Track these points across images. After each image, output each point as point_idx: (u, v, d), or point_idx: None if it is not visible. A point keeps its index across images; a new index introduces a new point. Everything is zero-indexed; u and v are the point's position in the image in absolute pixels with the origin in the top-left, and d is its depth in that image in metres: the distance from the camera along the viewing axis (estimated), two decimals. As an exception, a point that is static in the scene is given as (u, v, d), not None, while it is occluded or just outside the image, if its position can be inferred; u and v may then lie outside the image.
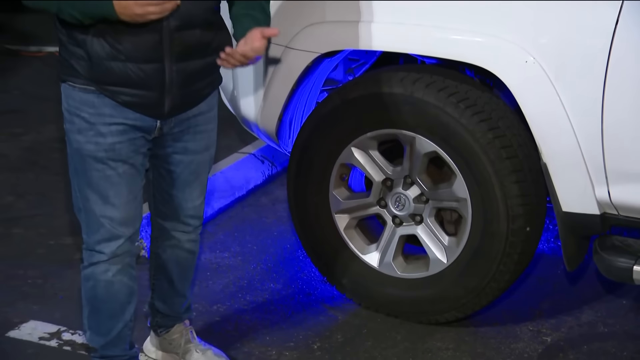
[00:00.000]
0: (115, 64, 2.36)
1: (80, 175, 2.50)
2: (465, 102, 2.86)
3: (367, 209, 3.17)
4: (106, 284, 2.59)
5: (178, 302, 2.86)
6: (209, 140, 2.66)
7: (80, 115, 2.43)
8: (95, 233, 2.54)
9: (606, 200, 2.79)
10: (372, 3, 2.96)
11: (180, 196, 2.68)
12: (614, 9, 2.64)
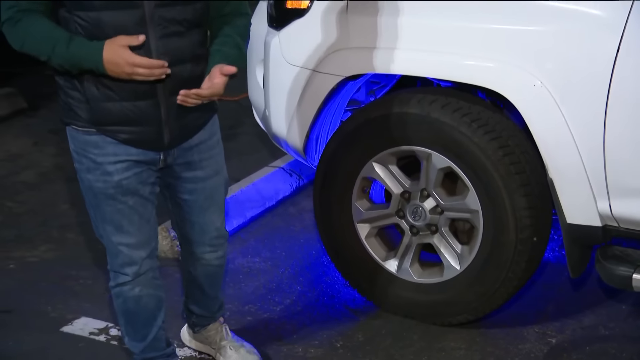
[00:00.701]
0: (111, 105, 2.31)
1: (94, 208, 2.47)
2: (477, 122, 2.86)
3: (386, 219, 3.16)
4: (135, 299, 2.59)
5: (211, 304, 2.85)
6: (216, 165, 2.60)
7: (87, 156, 2.39)
8: (116, 258, 2.53)
9: (607, 213, 2.79)
10: (392, 31, 2.95)
11: (201, 222, 2.62)
12: (615, 37, 2.63)
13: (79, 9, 2.19)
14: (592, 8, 2.70)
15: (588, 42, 2.71)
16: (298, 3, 3.19)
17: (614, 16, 2.65)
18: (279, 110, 3.31)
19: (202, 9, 2.34)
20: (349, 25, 3.04)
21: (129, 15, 2.20)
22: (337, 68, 3.08)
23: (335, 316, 3.23)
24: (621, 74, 2.65)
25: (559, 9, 2.75)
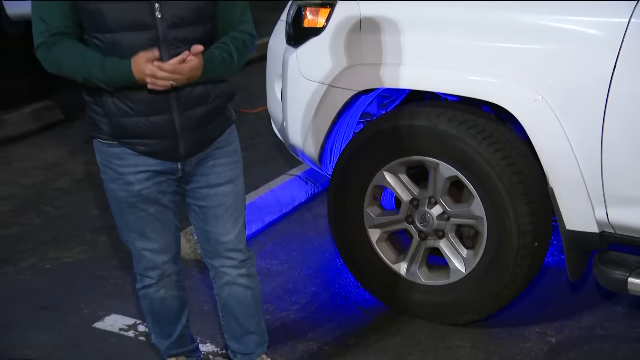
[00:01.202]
0: (128, 120, 2.30)
1: (119, 216, 2.48)
2: (482, 134, 2.86)
3: (396, 224, 3.15)
4: (160, 300, 2.59)
5: (250, 339, 2.69)
6: (231, 173, 2.52)
7: (111, 167, 2.39)
8: (140, 262, 2.54)
9: (604, 220, 2.78)
10: (402, 48, 2.96)
11: (214, 231, 2.54)
12: (612, 55, 2.63)
13: (96, 30, 2.20)
14: (590, 28, 2.70)
15: (586, 60, 2.70)
16: (314, 22, 3.21)
17: (611, 36, 2.65)
18: (295, 122, 3.32)
19: (212, 29, 2.34)
20: (362, 43, 3.05)
21: (143, 36, 2.20)
22: (350, 83, 3.08)
23: (348, 315, 3.22)
24: (617, 90, 2.65)
25: (559, 29, 2.75)
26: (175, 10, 2.21)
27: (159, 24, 2.20)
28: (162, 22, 2.20)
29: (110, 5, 2.16)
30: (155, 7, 2.18)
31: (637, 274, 2.74)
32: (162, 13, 2.20)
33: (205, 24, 2.29)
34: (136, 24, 2.19)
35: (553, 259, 3.53)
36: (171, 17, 2.21)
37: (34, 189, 4.38)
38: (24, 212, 4.13)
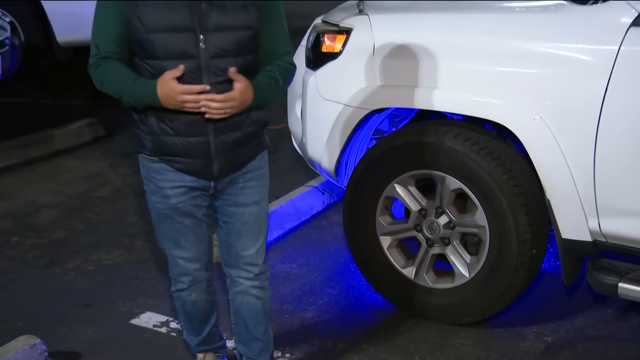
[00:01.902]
0: (167, 138, 2.29)
1: (157, 225, 2.47)
2: (485, 150, 2.87)
3: (405, 232, 3.15)
4: (191, 303, 2.59)
5: (255, 345, 2.65)
6: (258, 195, 2.48)
7: (152, 180, 2.39)
8: (174, 268, 2.53)
9: (597, 230, 2.78)
10: (412, 71, 2.97)
11: (236, 245, 2.50)
12: (603, 79, 2.64)
13: (146, 57, 2.21)
14: (583, 55, 2.71)
15: (580, 83, 2.71)
16: (332, 47, 3.23)
17: (603, 62, 2.65)
18: (314, 138, 3.33)
19: (253, 60, 2.31)
20: (374, 66, 3.06)
21: (187, 65, 2.18)
22: (364, 102, 3.09)
23: (361, 315, 3.21)
24: (609, 111, 2.66)
25: (556, 55, 2.76)
26: (218, 43, 2.20)
27: (202, 54, 2.19)
28: (205, 53, 2.19)
29: (159, 36, 2.17)
30: (200, 38, 2.18)
31: (627, 279, 2.73)
32: (206, 44, 2.19)
33: (246, 56, 2.27)
34: (181, 53, 2.19)
35: (549, 264, 3.52)
36: (214, 48, 2.20)
37: (79, 198, 4.40)
38: (69, 218, 4.14)
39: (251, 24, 2.24)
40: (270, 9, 2.29)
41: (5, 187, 4.52)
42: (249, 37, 2.25)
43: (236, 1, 2.21)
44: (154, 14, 2.16)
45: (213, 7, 2.17)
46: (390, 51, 3.02)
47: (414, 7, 3.41)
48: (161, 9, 2.16)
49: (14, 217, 4.12)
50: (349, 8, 3.42)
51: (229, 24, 2.21)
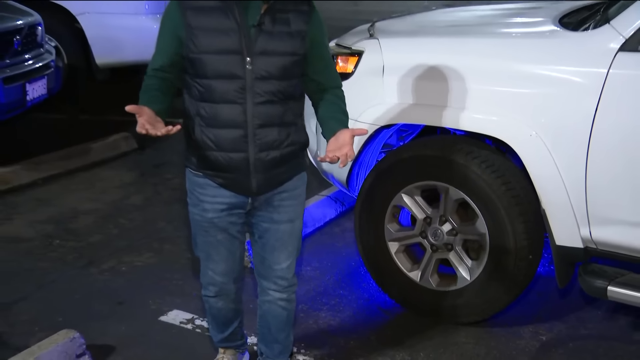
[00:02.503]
0: (210, 153, 2.26)
1: (194, 235, 2.45)
2: (485, 163, 2.87)
3: (412, 238, 3.14)
4: (218, 309, 2.56)
5: (275, 347, 2.62)
6: (292, 214, 2.42)
7: (194, 193, 2.37)
8: (204, 276, 2.51)
9: (588, 237, 2.77)
10: (418, 90, 2.97)
11: (269, 259, 2.46)
12: (594, 99, 2.64)
13: (197, 76, 2.21)
14: (576, 76, 2.71)
15: (573, 102, 2.71)
16: (345, 68, 3.23)
17: (593, 83, 2.65)
18: None
19: (297, 85, 2.29)
20: (384, 86, 3.07)
21: (233, 84, 2.18)
22: (374, 119, 3.09)
23: (370, 315, 3.21)
24: (599, 128, 2.65)
25: (550, 77, 2.76)
26: (264, 66, 2.19)
27: (247, 75, 2.18)
28: (250, 74, 2.17)
29: (210, 57, 2.17)
30: (247, 60, 2.17)
31: (615, 283, 2.72)
32: (253, 67, 2.17)
33: (291, 80, 2.25)
34: (229, 73, 2.18)
35: (544, 269, 3.50)
36: (260, 70, 2.18)
37: (113, 205, 4.42)
38: (105, 223, 4.16)
39: (296, 50, 2.22)
40: (317, 37, 2.27)
41: (48, 194, 4.54)
42: (293, 63, 2.23)
43: (283, 28, 2.20)
44: (207, 38, 2.17)
45: (261, 32, 2.17)
46: (398, 72, 3.02)
47: (420, 32, 3.45)
48: (213, 33, 2.17)
49: (56, 222, 4.14)
50: (360, 32, 3.45)
51: (275, 50, 2.19)
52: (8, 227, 4.07)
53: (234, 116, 2.21)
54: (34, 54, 4.95)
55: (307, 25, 2.23)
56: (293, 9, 2.23)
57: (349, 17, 11.68)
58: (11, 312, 3.18)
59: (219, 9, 2.17)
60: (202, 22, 2.17)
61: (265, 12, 2.17)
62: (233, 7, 2.16)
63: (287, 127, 2.28)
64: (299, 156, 2.38)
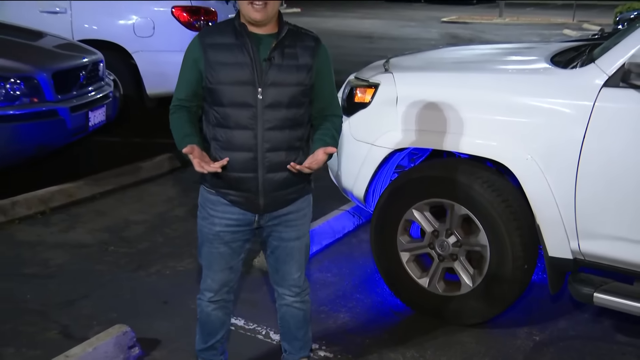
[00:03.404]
0: (223, 173, 2.21)
1: (200, 244, 2.40)
2: (487, 183, 2.87)
3: (421, 249, 3.14)
4: (207, 313, 2.48)
5: (296, 344, 2.57)
6: (299, 232, 2.37)
7: (205, 208, 2.33)
8: (204, 283, 2.44)
9: (577, 249, 2.77)
10: (426, 118, 2.98)
11: (282, 270, 2.42)
12: (581, 127, 2.65)
13: (214, 104, 2.20)
14: (566, 108, 2.72)
15: (563, 130, 2.71)
16: (363, 98, 3.25)
17: (581, 114, 2.66)
18: (347, 171, 3.33)
19: (304, 113, 2.25)
20: (397, 114, 3.06)
21: (246, 112, 2.17)
22: (388, 143, 3.10)
23: (383, 316, 3.20)
24: (586, 153, 2.65)
25: (544, 108, 2.77)
26: (273, 95, 2.17)
27: (259, 104, 2.16)
28: (261, 103, 2.16)
29: (225, 87, 2.17)
30: (259, 91, 2.16)
31: (600, 290, 2.71)
32: (263, 96, 2.16)
33: (298, 109, 2.22)
34: (242, 102, 2.17)
35: (538, 277, 3.48)
36: (269, 100, 2.17)
37: (159, 216, 4.42)
38: (152, 232, 4.15)
39: (302, 82, 2.20)
40: (323, 70, 2.25)
41: (104, 207, 4.58)
42: (300, 93, 2.21)
43: (291, 62, 2.18)
44: (224, 71, 2.16)
45: (271, 66, 2.16)
46: (410, 102, 3.04)
47: (430, 68, 3.47)
48: (230, 66, 2.16)
49: (111, 231, 4.17)
50: (376, 67, 3.47)
51: (284, 81, 2.18)
52: (72, 234, 4.11)
53: (245, 140, 2.18)
54: (95, 86, 5.00)
55: (313, 59, 2.21)
56: (300, 44, 2.21)
57: (365, 54, 11.77)
58: (74, 308, 3.22)
59: (235, 46, 2.16)
60: (219, 57, 2.16)
61: (275, 47, 2.16)
62: (247, 44, 2.15)
63: (295, 151, 2.23)
64: (304, 180, 2.33)
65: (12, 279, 3.51)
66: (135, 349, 2.80)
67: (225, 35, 2.18)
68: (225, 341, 2.57)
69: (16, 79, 4.25)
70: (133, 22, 5.94)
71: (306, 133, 2.29)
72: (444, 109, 2.93)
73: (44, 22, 5.80)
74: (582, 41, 3.80)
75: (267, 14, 2.13)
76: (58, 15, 5.95)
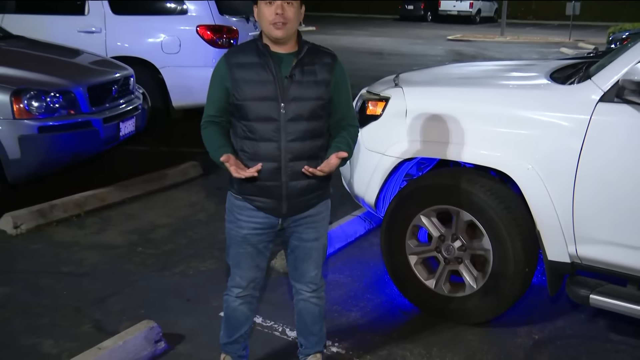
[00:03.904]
0: (248, 181, 2.24)
1: (228, 246, 2.43)
2: (490, 191, 2.88)
3: (428, 252, 3.14)
4: (233, 308, 2.50)
5: (312, 338, 2.58)
6: (317, 233, 2.39)
7: (233, 212, 2.35)
8: (232, 280, 2.47)
9: (574, 254, 2.77)
10: (434, 130, 2.98)
11: (300, 268, 2.45)
12: (579, 139, 2.65)
13: (241, 118, 2.23)
14: (564, 121, 2.72)
15: (562, 142, 2.71)
16: (374, 111, 3.24)
17: (579, 127, 2.67)
18: (359, 178, 3.34)
19: (323, 125, 2.28)
20: (406, 126, 3.07)
21: (270, 125, 2.20)
22: (398, 153, 3.11)
23: (392, 315, 3.20)
24: (584, 163, 2.66)
25: (544, 121, 2.77)
26: (295, 110, 2.20)
27: (282, 118, 2.19)
28: (284, 117, 2.19)
29: (251, 103, 2.20)
30: (281, 106, 2.19)
31: (596, 292, 2.71)
32: (286, 111, 2.19)
33: (317, 121, 2.25)
34: (266, 117, 2.20)
35: (538, 279, 3.46)
36: (291, 113, 2.19)
37: (183, 220, 4.42)
38: (176, 235, 4.16)
39: (321, 96, 2.23)
40: (339, 84, 2.27)
41: (133, 211, 4.60)
42: (319, 106, 2.24)
43: (310, 78, 2.21)
44: (249, 88, 2.20)
45: (293, 82, 2.19)
46: (418, 115, 3.04)
47: (437, 83, 3.47)
48: (254, 84, 2.19)
49: (139, 233, 4.19)
50: (387, 82, 3.47)
51: (304, 96, 2.20)
52: (104, 236, 4.15)
53: (270, 151, 2.21)
54: (126, 99, 5.04)
55: (330, 75, 2.23)
56: (319, 62, 2.23)
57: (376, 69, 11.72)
58: (105, 305, 3.25)
59: (259, 65, 2.19)
60: (244, 75, 2.20)
61: (295, 65, 2.19)
62: (270, 62, 2.18)
63: (314, 160, 2.24)
64: (324, 186, 2.35)
65: (51, 276, 3.56)
66: (161, 343, 2.82)
67: (249, 55, 2.22)
68: (247, 336, 2.59)
69: (55, 92, 4.31)
70: (161, 40, 6.01)
71: (325, 143, 2.31)
72: (450, 121, 2.94)
73: (81, 40, 5.90)
74: (579, 59, 3.79)
75: (287, 32, 2.17)
76: (94, 34, 6.05)
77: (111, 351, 2.62)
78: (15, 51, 4.95)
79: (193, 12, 5.97)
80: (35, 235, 4.10)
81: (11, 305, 3.23)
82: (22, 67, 4.46)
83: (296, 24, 2.20)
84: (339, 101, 2.29)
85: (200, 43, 5.91)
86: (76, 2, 6.13)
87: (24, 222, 4.14)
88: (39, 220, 4.21)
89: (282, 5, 2.14)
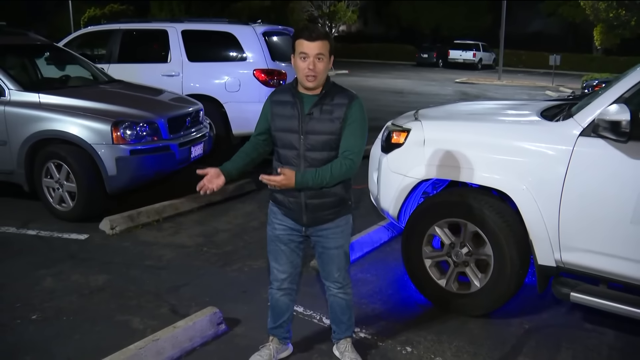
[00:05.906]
0: (279, 195, 2.31)
1: (268, 244, 2.44)
2: (492, 207, 2.89)
3: (440, 257, 3.14)
4: (275, 299, 2.50)
5: (342, 326, 2.58)
6: (337, 243, 2.37)
7: (270, 216, 2.40)
8: (272, 274, 2.47)
9: (559, 259, 2.80)
10: (447, 156, 2.99)
11: (326, 269, 2.44)
12: (564, 166, 2.68)
13: (275, 146, 2.30)
14: (551, 151, 2.77)
15: (550, 168, 2.74)
16: (398, 140, 3.22)
17: (563, 156, 2.73)
18: (385, 195, 3.31)
19: (335, 155, 2.25)
20: (424, 152, 3.08)
21: (292, 152, 2.23)
22: (417, 174, 3.11)
23: (410, 308, 3.21)
24: (568, 185, 2.71)
25: (534, 150, 2.81)
26: (312, 141, 2.22)
27: (301, 147, 2.22)
28: (303, 147, 2.22)
29: (280, 134, 2.26)
30: (301, 138, 2.22)
31: (575, 290, 2.75)
32: (304, 142, 2.22)
33: (331, 151, 2.24)
34: (290, 145, 2.24)
35: (529, 279, 3.42)
36: (309, 144, 2.21)
37: (240, 226, 4.44)
38: (234, 238, 4.18)
39: (334, 131, 2.22)
40: (350, 120, 2.23)
41: (200, 218, 4.64)
42: (332, 139, 2.23)
43: (326, 116, 2.22)
44: (280, 122, 2.26)
45: (311, 119, 2.22)
46: (434, 144, 3.06)
47: (450, 117, 3.47)
48: (284, 118, 2.25)
49: (205, 236, 4.22)
50: (408, 116, 3.47)
51: (320, 130, 2.22)
52: (177, 238, 4.20)
53: None
54: (196, 128, 5.13)
55: (344, 113, 2.21)
56: (337, 102, 2.22)
57: (397, 105, 11.63)
58: (179, 293, 3.32)
59: (290, 103, 2.25)
60: (279, 110, 2.26)
61: (315, 104, 2.21)
62: (297, 101, 2.23)
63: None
64: (339, 205, 2.32)
65: (138, 268, 3.66)
66: (222, 325, 2.87)
67: (285, 95, 2.29)
68: (290, 322, 2.61)
69: (143, 123, 4.48)
70: (225, 81, 6.12)
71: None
72: (460, 149, 2.97)
73: (163, 82, 6.11)
74: (562, 100, 3.74)
75: (317, 83, 2.21)
76: (173, 77, 6.24)
77: (184, 330, 2.68)
78: (115, 92, 5.15)
79: (251, 59, 6.08)
80: (126, 235, 4.21)
81: (110, 289, 3.37)
82: (119, 104, 4.63)
83: (325, 74, 2.22)
84: (346, 135, 2.24)
85: (256, 83, 5.98)
86: (161, 53, 6.38)
87: (118, 225, 4.29)
88: (128, 224, 4.34)
89: (314, 61, 2.16)
